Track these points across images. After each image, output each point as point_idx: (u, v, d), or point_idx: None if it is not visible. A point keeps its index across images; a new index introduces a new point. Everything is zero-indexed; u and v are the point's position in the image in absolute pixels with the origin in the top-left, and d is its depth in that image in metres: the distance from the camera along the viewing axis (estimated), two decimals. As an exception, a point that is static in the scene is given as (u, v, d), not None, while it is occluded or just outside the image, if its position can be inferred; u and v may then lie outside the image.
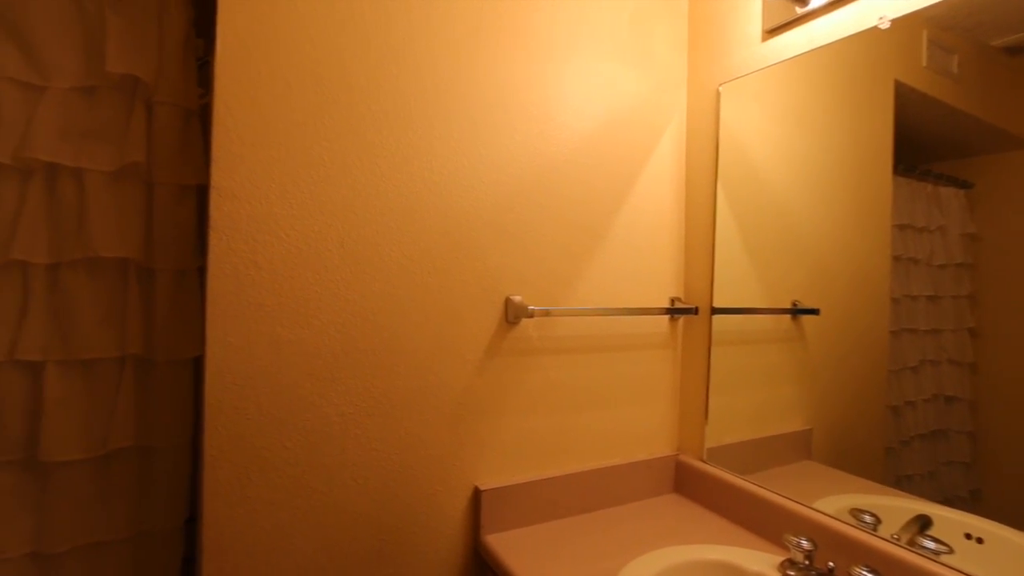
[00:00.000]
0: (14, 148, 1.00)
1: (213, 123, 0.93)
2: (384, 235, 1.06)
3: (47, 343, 1.02)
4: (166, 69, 1.12)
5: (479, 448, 1.16)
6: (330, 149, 1.01)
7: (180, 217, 1.13)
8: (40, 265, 1.02)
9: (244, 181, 0.94)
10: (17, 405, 1.00)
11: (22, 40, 1.03)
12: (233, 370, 0.93)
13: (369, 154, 1.05)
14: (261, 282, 0.95)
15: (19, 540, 0.99)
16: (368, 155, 1.05)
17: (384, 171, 1.06)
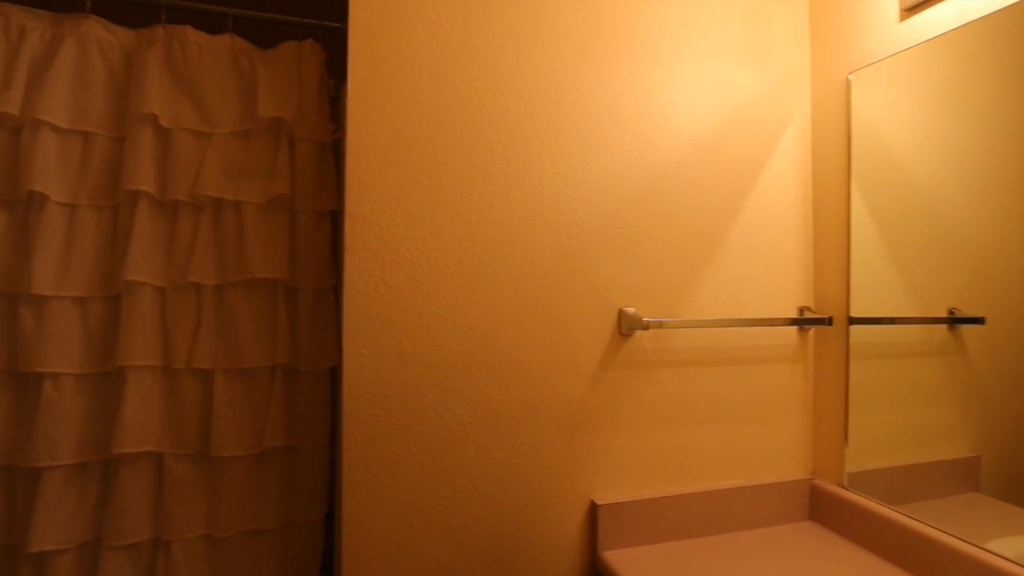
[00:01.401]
0: (189, 187, 1.18)
1: (346, 154, 1.02)
2: (498, 251, 1.10)
3: (215, 354, 1.17)
4: (305, 109, 1.25)
5: (595, 462, 1.15)
6: (447, 172, 1.07)
7: (318, 240, 1.25)
8: (209, 286, 1.19)
9: (374, 206, 1.02)
10: (193, 406, 1.17)
11: (195, 96, 1.21)
12: (366, 380, 1.01)
13: (482, 173, 1.09)
14: (389, 299, 1.03)
15: (196, 523, 1.15)
16: (481, 175, 1.09)
17: (496, 189, 1.10)
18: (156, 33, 1.21)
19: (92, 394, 1.13)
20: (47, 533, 1.07)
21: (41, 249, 1.10)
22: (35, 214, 1.11)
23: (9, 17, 1.14)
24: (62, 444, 1.09)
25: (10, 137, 1.12)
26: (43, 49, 1.15)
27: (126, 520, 1.11)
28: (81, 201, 1.14)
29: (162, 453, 1.14)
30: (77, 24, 1.17)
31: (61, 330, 1.10)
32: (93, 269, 1.14)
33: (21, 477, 1.10)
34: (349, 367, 1.00)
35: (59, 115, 1.12)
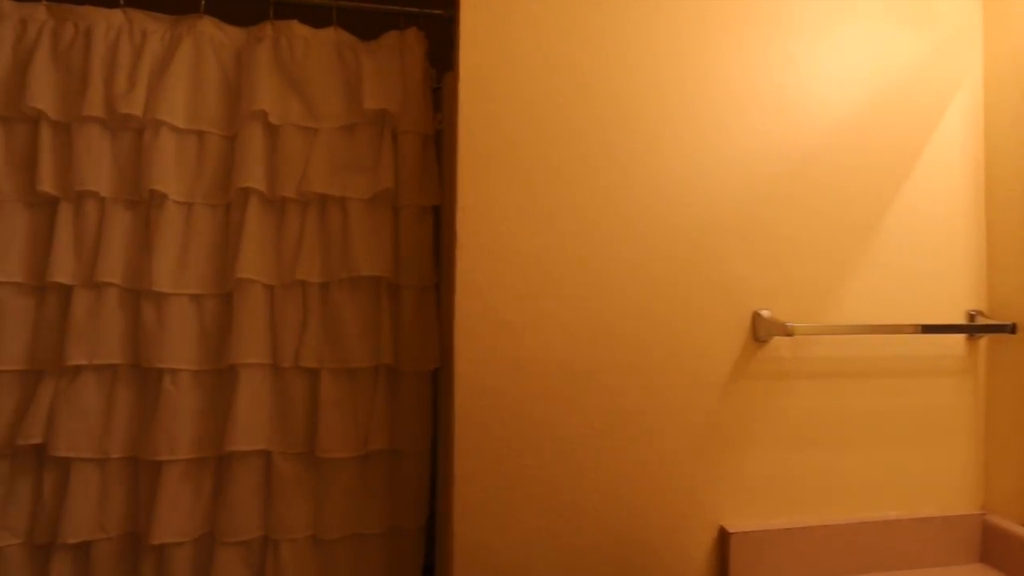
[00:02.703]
0: (297, 183, 1.16)
1: (458, 145, 0.96)
2: (616, 247, 0.99)
3: (321, 352, 1.15)
4: (409, 100, 1.21)
5: (725, 484, 1.02)
6: (562, 162, 0.98)
7: (421, 237, 1.21)
8: (315, 284, 1.17)
9: (487, 200, 0.95)
10: (300, 405, 1.16)
11: (301, 91, 1.19)
12: (480, 386, 0.94)
13: (600, 164, 0.99)
14: (503, 300, 0.95)
15: (303, 523, 1.13)
16: (599, 165, 0.99)
17: (615, 180, 1.00)
18: (264, 30, 1.21)
19: (206, 390, 1.15)
20: (167, 526, 1.09)
21: (161, 247, 1.12)
22: (155, 213, 1.13)
23: (133, 22, 1.17)
24: (180, 439, 1.10)
25: (134, 138, 1.15)
26: (162, 52, 1.17)
27: (237, 517, 1.12)
28: (196, 199, 1.16)
29: (271, 451, 1.14)
30: (192, 25, 1.18)
31: (179, 327, 1.12)
32: (207, 266, 1.15)
33: (143, 469, 1.13)
34: (462, 373, 0.93)
35: (177, 115, 1.14)
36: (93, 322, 1.10)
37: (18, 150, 1.11)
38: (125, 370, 1.13)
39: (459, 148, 0.95)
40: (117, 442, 1.11)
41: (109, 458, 1.11)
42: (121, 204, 1.14)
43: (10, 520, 1.09)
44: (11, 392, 1.10)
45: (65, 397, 1.09)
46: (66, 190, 1.11)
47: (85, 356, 1.09)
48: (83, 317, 1.10)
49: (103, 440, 1.10)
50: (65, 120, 1.12)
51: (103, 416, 1.11)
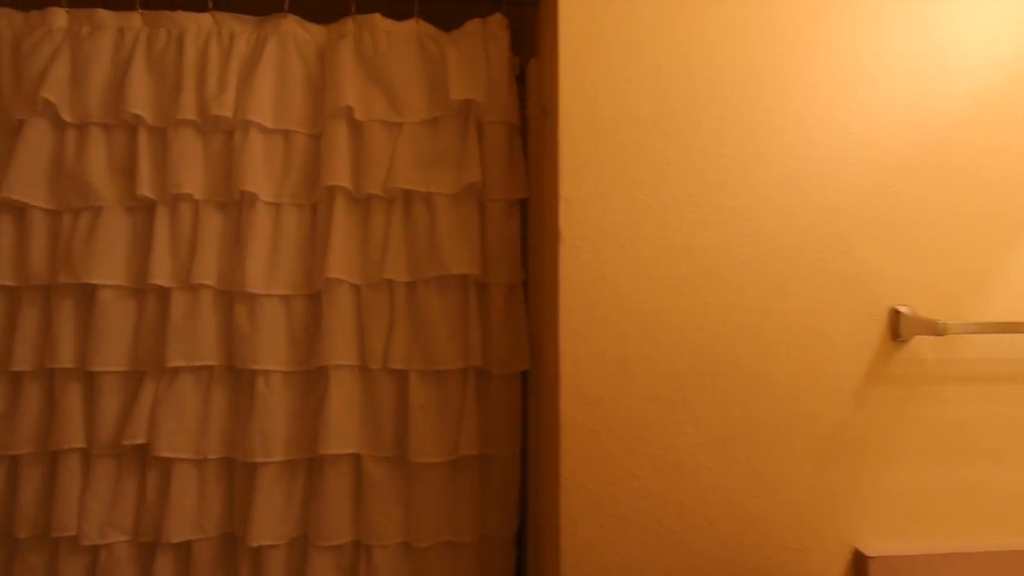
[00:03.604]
0: (382, 180, 1.14)
1: (559, 134, 0.89)
2: (733, 237, 0.90)
3: (409, 354, 1.12)
4: (494, 89, 1.16)
5: (859, 501, 0.92)
6: (673, 145, 0.90)
7: (508, 232, 1.16)
8: (402, 283, 1.14)
9: (590, 189, 0.89)
10: (389, 408, 1.13)
11: (385, 86, 1.17)
12: (585, 390, 0.87)
13: (714, 146, 0.91)
14: (609, 296, 0.88)
15: (395, 529, 1.11)
16: (713, 148, 0.91)
17: (731, 164, 0.91)
18: (347, 26, 1.19)
19: (297, 392, 1.14)
20: (263, 528, 1.08)
21: (252, 248, 1.11)
22: (246, 214, 1.13)
23: (221, 24, 1.17)
24: (274, 441, 1.10)
25: (224, 140, 1.15)
26: (249, 53, 1.17)
27: (329, 520, 1.10)
28: (284, 199, 1.15)
29: (361, 455, 1.12)
30: (277, 25, 1.18)
31: (270, 328, 1.12)
32: (296, 267, 1.14)
33: (239, 470, 1.13)
34: (567, 375, 0.87)
35: (265, 115, 1.14)
36: (190, 324, 1.11)
37: (118, 156, 1.14)
38: (220, 371, 1.13)
39: (559, 133, 0.89)
40: (214, 443, 1.12)
41: (207, 459, 1.12)
42: (213, 206, 1.14)
43: (118, 518, 1.12)
44: (115, 393, 1.13)
45: (165, 398, 1.10)
46: (162, 194, 1.12)
47: (183, 357, 1.10)
48: (181, 319, 1.11)
49: (201, 441, 1.11)
50: (161, 125, 1.13)
51: (201, 417, 1.12)
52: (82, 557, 1.12)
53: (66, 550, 1.11)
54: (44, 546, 1.12)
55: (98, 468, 1.12)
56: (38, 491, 1.11)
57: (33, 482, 1.11)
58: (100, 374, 1.11)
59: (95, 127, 1.12)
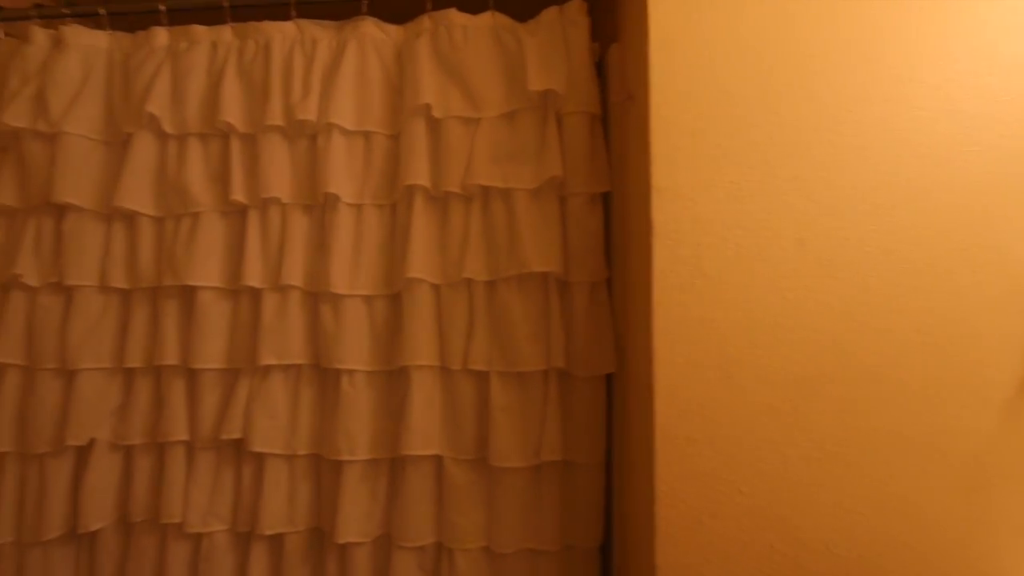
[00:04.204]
0: (461, 177, 1.11)
1: (649, 119, 0.83)
2: (854, 226, 0.80)
3: (490, 355, 1.09)
4: (574, 78, 1.10)
5: (1008, 528, 0.78)
6: (782, 125, 0.81)
7: (591, 227, 1.10)
8: (481, 282, 1.11)
9: (687, 177, 0.81)
10: (469, 410, 1.11)
11: (462, 81, 1.14)
12: (683, 395, 0.80)
13: (830, 122, 0.80)
14: (709, 294, 0.81)
15: (476, 533, 1.09)
16: (829, 124, 0.80)
17: (850, 141, 0.80)
18: (423, 24, 1.18)
19: (380, 391, 1.15)
20: (349, 525, 1.10)
21: (336, 249, 1.13)
22: (330, 215, 1.15)
23: (304, 31, 1.20)
24: (358, 440, 1.11)
25: (309, 143, 1.17)
26: (330, 57, 1.19)
27: (411, 521, 1.10)
28: (365, 200, 1.16)
29: (442, 456, 1.10)
30: (356, 28, 1.19)
31: (354, 328, 1.13)
32: (377, 267, 1.15)
33: (325, 467, 1.15)
34: (662, 378, 0.80)
35: (346, 117, 1.15)
36: (280, 323, 1.14)
37: (214, 164, 1.19)
38: (308, 370, 1.16)
39: (650, 123, 0.83)
40: (302, 440, 1.15)
41: (296, 455, 1.15)
42: (300, 209, 1.17)
43: (217, 508, 1.17)
44: (214, 389, 1.18)
45: (258, 395, 1.14)
46: (253, 198, 1.16)
47: (274, 356, 1.13)
48: (271, 319, 1.14)
49: (290, 437, 1.15)
50: (251, 132, 1.17)
51: (290, 414, 1.15)
52: (187, 543, 1.18)
53: (173, 536, 1.18)
54: (154, 531, 1.19)
55: (200, 460, 1.18)
56: (149, 479, 1.19)
57: (144, 471, 1.19)
58: (201, 371, 1.17)
59: (193, 137, 1.18)
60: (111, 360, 1.19)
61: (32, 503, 1.16)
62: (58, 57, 1.18)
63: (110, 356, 1.19)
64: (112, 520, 1.19)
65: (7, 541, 1.16)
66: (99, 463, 1.17)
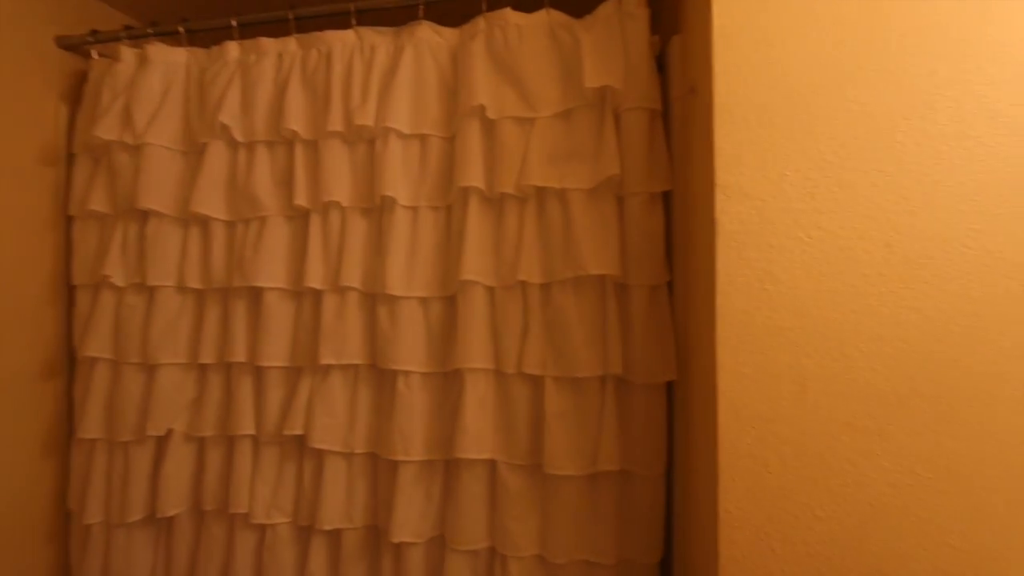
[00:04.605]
0: (516, 178, 1.10)
1: (713, 113, 0.78)
2: (950, 224, 0.71)
3: (544, 359, 1.07)
4: (633, 73, 1.06)
5: None
6: (865, 114, 0.74)
7: (651, 227, 1.06)
8: (536, 285, 1.09)
9: (754, 174, 0.75)
10: (523, 415, 1.09)
11: (516, 81, 1.13)
12: (749, 408, 0.75)
13: (922, 108, 0.72)
14: (780, 299, 0.74)
15: (530, 541, 1.07)
16: (920, 110, 0.72)
17: (947, 130, 0.72)
18: (478, 25, 1.17)
19: (434, 393, 1.15)
20: (404, 525, 1.11)
21: (392, 251, 1.15)
22: (386, 218, 1.16)
23: (363, 39, 1.22)
24: (413, 440, 1.12)
25: (367, 148, 1.20)
26: (388, 63, 1.20)
27: (464, 524, 1.09)
28: (421, 203, 1.17)
29: (496, 461, 1.09)
30: (412, 33, 1.20)
31: (409, 329, 1.14)
32: (432, 269, 1.16)
33: (381, 467, 1.17)
34: (725, 390, 0.75)
35: (402, 121, 1.16)
36: (339, 324, 1.17)
37: (279, 170, 1.24)
38: (365, 370, 1.18)
39: (714, 117, 0.77)
40: (360, 438, 1.17)
41: (354, 453, 1.17)
42: (358, 212, 1.20)
43: (280, 501, 1.22)
44: (278, 386, 1.23)
45: (319, 393, 1.18)
46: (315, 202, 1.20)
47: (333, 356, 1.16)
48: (331, 320, 1.17)
49: (349, 435, 1.17)
50: (313, 138, 1.21)
51: (349, 413, 1.18)
52: (252, 533, 1.24)
53: (240, 525, 1.23)
54: (223, 520, 1.25)
55: (265, 454, 1.23)
56: (219, 470, 1.25)
57: (215, 462, 1.26)
58: (266, 369, 1.22)
59: (260, 145, 1.24)
60: (187, 356, 1.26)
61: (117, 487, 1.25)
62: (143, 74, 1.27)
63: (186, 352, 1.26)
64: (187, 507, 1.26)
65: (97, 521, 1.26)
66: (175, 453, 1.25)
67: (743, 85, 0.77)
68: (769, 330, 0.74)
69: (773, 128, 0.76)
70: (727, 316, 0.75)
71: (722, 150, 0.77)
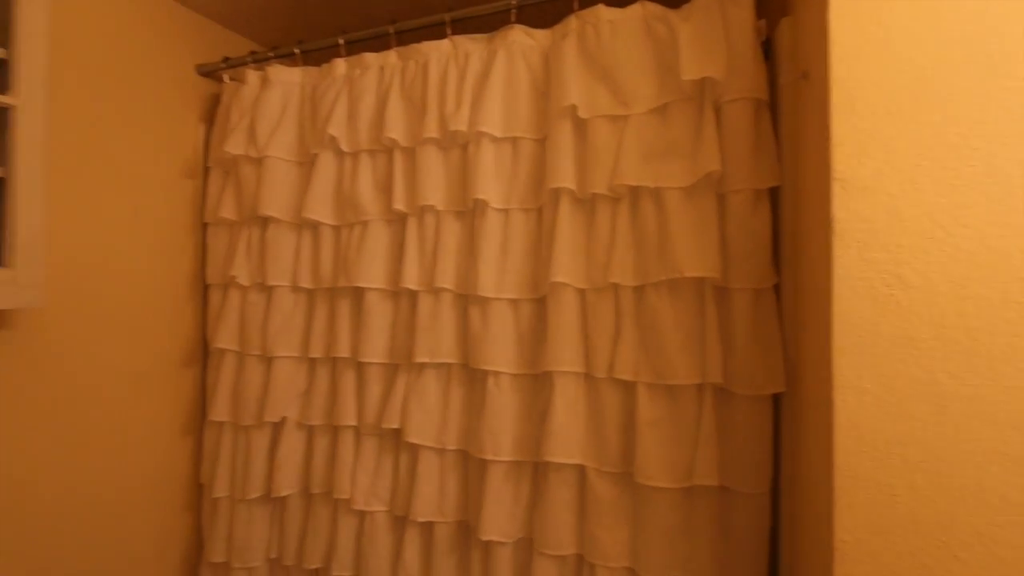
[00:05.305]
0: (608, 178, 1.07)
1: (830, 99, 0.70)
2: None
3: (637, 364, 1.04)
4: (736, 62, 1.00)
5: None
6: (1015, 90, 0.63)
7: (755, 227, 0.98)
8: (628, 287, 1.06)
9: (880, 165, 0.67)
10: (614, 421, 1.06)
11: (609, 78, 1.10)
12: (874, 429, 0.67)
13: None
14: (911, 306, 0.66)
15: (620, 552, 1.04)
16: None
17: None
18: (569, 24, 1.16)
19: (524, 394, 1.15)
20: (492, 524, 1.12)
21: (484, 253, 1.17)
22: (479, 221, 1.19)
23: (457, 47, 1.26)
24: (502, 440, 1.13)
25: (460, 152, 1.23)
26: (481, 68, 1.23)
27: (551, 528, 1.09)
28: (512, 205, 1.18)
29: (585, 467, 1.07)
30: (504, 37, 1.21)
31: (500, 330, 1.15)
32: (523, 271, 1.16)
33: (472, 465, 1.19)
34: (843, 407, 0.67)
35: (495, 125, 1.18)
36: (433, 324, 1.21)
37: (380, 176, 1.31)
38: (457, 369, 1.22)
39: (831, 103, 0.70)
40: (452, 435, 1.20)
41: (446, 449, 1.21)
42: (452, 215, 1.23)
43: (378, 490, 1.28)
44: (377, 381, 1.30)
45: (414, 390, 1.23)
46: (412, 206, 1.25)
47: (428, 354, 1.20)
48: (426, 319, 1.22)
49: (441, 432, 1.21)
50: (411, 145, 1.26)
51: (441, 410, 1.22)
52: (353, 518, 1.31)
53: (342, 510, 1.32)
54: (328, 503, 1.35)
55: (365, 445, 1.31)
56: (325, 457, 1.35)
57: (322, 449, 1.35)
58: (367, 364, 1.29)
59: (364, 153, 1.31)
60: (299, 350, 1.37)
61: (240, 466, 1.39)
62: (264, 93, 1.40)
63: (298, 346, 1.37)
64: (297, 489, 1.37)
65: (223, 496, 1.40)
66: (288, 439, 1.36)
67: (865, 67, 0.69)
68: (897, 342, 0.66)
69: (902, 114, 0.67)
70: (846, 324, 0.68)
71: (840, 140, 0.69)
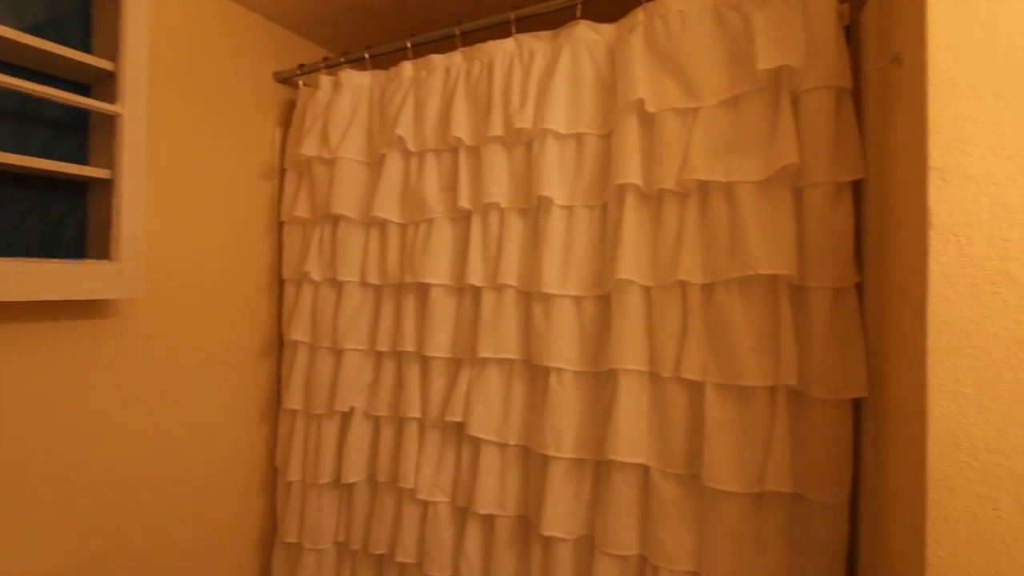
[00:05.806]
0: (676, 173, 1.05)
1: (927, 84, 0.66)
2: None
3: (705, 364, 1.01)
4: (816, 49, 0.95)
5: None
6: None
7: (836, 223, 0.93)
8: (696, 285, 1.03)
9: (984, 153, 0.62)
10: (680, 421, 1.04)
11: (678, 70, 1.07)
12: (972, 438, 0.62)
13: None
14: (1018, 305, 0.61)
15: (684, 555, 1.01)
16: None
17: None
18: (636, 17, 1.14)
19: (586, 392, 1.15)
20: (553, 520, 1.13)
21: (548, 250, 1.17)
22: (543, 218, 1.19)
23: (522, 46, 1.27)
24: (564, 437, 1.13)
25: (524, 150, 1.24)
26: (546, 66, 1.23)
27: (613, 528, 1.08)
28: (576, 202, 1.17)
29: (649, 467, 1.05)
30: (569, 34, 1.21)
31: (563, 327, 1.15)
32: (586, 268, 1.16)
33: (533, 460, 1.20)
34: (937, 413, 0.63)
35: (559, 122, 1.18)
36: (496, 320, 1.23)
37: (446, 175, 1.34)
38: (520, 365, 1.23)
39: (928, 88, 0.65)
40: (513, 430, 1.21)
41: (507, 444, 1.22)
42: (516, 212, 1.24)
43: (441, 481, 1.32)
44: (441, 375, 1.33)
45: (477, 385, 1.25)
46: (476, 204, 1.27)
47: (491, 350, 1.22)
48: (489, 315, 1.23)
49: (503, 427, 1.22)
50: (476, 144, 1.28)
51: (503, 405, 1.23)
52: (417, 507, 1.35)
53: (407, 499, 1.36)
54: (393, 492, 1.39)
55: (429, 437, 1.34)
56: (391, 447, 1.40)
57: (388, 440, 1.40)
58: (431, 359, 1.32)
59: (430, 153, 1.35)
60: (366, 343, 1.42)
61: (312, 453, 1.46)
62: (336, 97, 1.46)
63: (366, 340, 1.43)
64: (364, 476, 1.43)
65: (296, 480, 1.48)
66: (356, 428, 1.42)
67: (968, 47, 0.64)
68: (1003, 343, 0.61)
69: (1012, 97, 0.62)
70: (942, 325, 0.63)
71: (938, 126, 0.64)
